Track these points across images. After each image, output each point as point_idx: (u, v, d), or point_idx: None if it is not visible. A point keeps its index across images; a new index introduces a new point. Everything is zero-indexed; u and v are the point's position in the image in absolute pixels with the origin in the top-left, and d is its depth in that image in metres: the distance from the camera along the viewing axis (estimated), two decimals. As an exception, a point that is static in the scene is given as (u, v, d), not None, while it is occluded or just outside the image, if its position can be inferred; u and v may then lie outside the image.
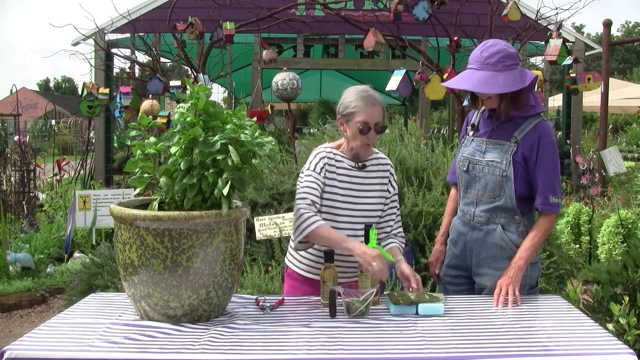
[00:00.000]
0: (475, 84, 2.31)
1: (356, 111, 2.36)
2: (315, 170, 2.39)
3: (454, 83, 2.44)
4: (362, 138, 2.38)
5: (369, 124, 2.36)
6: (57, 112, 21.47)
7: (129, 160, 2.11)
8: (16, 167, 7.58)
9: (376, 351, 1.78)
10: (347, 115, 2.40)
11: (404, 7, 4.68)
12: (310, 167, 2.41)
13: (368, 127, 2.36)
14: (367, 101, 2.36)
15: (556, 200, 2.35)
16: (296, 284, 2.54)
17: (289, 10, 6.29)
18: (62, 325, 1.98)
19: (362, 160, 2.48)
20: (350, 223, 2.40)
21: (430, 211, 3.65)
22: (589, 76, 5.17)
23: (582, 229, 5.81)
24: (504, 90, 2.29)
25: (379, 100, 2.39)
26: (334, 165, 2.42)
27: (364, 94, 2.39)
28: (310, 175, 2.39)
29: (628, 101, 15.77)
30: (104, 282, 3.91)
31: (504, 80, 2.27)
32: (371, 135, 2.39)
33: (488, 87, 2.29)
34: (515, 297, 2.26)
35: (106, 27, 7.85)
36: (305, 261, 2.50)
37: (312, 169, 2.40)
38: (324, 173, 2.40)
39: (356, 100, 2.37)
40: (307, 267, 2.50)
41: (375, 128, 2.38)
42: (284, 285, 2.66)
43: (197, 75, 5.12)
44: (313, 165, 2.41)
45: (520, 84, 2.28)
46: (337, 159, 2.45)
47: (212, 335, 1.89)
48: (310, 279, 2.48)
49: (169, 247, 1.92)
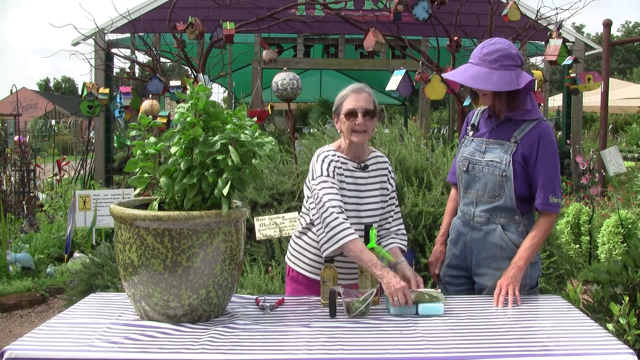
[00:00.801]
0: (468, 77, 2.33)
1: (344, 100, 2.45)
2: (329, 175, 2.37)
3: (451, 75, 2.49)
4: (351, 124, 2.39)
5: (356, 108, 2.40)
6: (57, 112, 21.46)
7: (129, 160, 2.11)
8: (16, 167, 7.58)
9: (376, 351, 1.78)
10: (338, 109, 2.47)
11: (404, 7, 4.68)
12: (323, 172, 2.38)
13: (354, 112, 2.40)
14: (352, 89, 2.46)
15: (556, 200, 2.35)
16: (301, 287, 2.52)
17: (289, 10, 6.29)
18: (62, 325, 1.98)
19: (363, 161, 2.50)
20: (356, 224, 2.39)
21: (430, 211, 3.65)
22: (589, 76, 5.17)
23: (582, 229, 5.81)
24: (495, 89, 2.30)
25: (366, 89, 2.46)
26: (340, 168, 2.43)
27: (351, 86, 2.49)
28: (327, 180, 2.36)
29: (628, 101, 15.78)
30: (104, 282, 3.91)
31: (498, 79, 2.28)
32: (360, 122, 2.39)
33: (479, 82, 2.31)
34: (515, 297, 2.26)
35: (106, 27, 7.85)
36: (312, 263, 2.49)
37: (326, 175, 2.37)
38: (336, 175, 2.39)
39: (343, 92, 2.48)
40: (314, 268, 2.48)
41: (362, 112, 2.40)
42: (285, 287, 2.64)
43: (197, 75, 5.11)
44: (325, 171, 2.38)
45: (514, 86, 2.28)
46: (342, 162, 2.45)
47: (212, 335, 1.89)
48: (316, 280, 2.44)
49: (169, 247, 1.92)
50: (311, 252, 2.48)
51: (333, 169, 2.39)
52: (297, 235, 2.56)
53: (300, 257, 2.53)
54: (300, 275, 2.53)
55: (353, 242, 2.22)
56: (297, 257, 2.54)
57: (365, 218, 2.44)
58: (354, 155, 2.48)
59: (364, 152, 2.51)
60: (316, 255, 2.46)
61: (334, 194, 2.32)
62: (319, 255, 2.43)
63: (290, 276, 2.59)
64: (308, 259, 2.50)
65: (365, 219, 2.43)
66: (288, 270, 2.61)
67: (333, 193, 2.32)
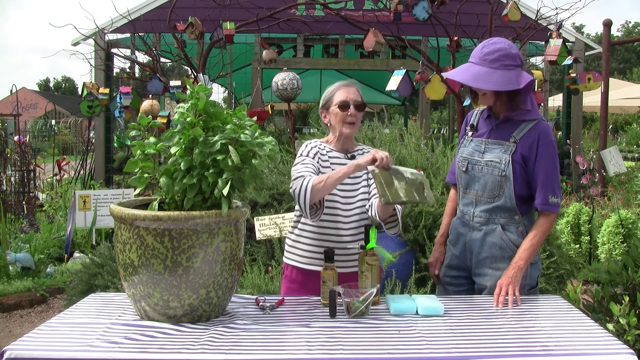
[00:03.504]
0: (469, 77, 2.34)
1: (333, 95, 2.54)
2: (308, 156, 2.48)
3: (452, 74, 2.49)
4: (343, 115, 2.49)
5: (348, 100, 2.50)
6: (57, 112, 21.46)
7: (129, 160, 2.11)
8: (16, 167, 7.58)
9: (376, 351, 1.78)
10: (327, 103, 2.56)
11: (404, 7, 4.68)
12: (302, 154, 2.50)
13: (347, 104, 2.49)
14: (342, 83, 2.57)
15: (555, 200, 2.35)
16: (295, 285, 2.55)
17: (289, 10, 6.29)
18: (62, 325, 1.98)
19: (350, 152, 2.58)
20: (345, 211, 2.49)
21: (430, 211, 3.65)
22: (589, 76, 5.17)
23: (582, 229, 5.81)
24: (495, 88, 2.30)
25: (354, 85, 2.57)
26: (325, 155, 2.52)
27: (339, 82, 2.59)
28: (304, 159, 2.47)
29: (628, 101, 15.78)
30: (104, 282, 3.91)
31: (498, 78, 2.28)
32: (352, 112, 2.49)
33: (480, 82, 2.31)
34: (515, 297, 2.26)
35: (106, 27, 7.85)
36: (305, 253, 2.53)
37: (305, 155, 2.49)
38: (317, 160, 2.48)
39: (331, 87, 2.57)
40: (307, 259, 2.52)
41: (354, 104, 2.50)
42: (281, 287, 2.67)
43: (197, 75, 5.12)
44: (305, 153, 2.50)
45: (514, 86, 2.29)
46: (327, 150, 2.55)
47: (212, 335, 1.89)
48: (311, 272, 2.48)
49: (169, 247, 1.92)
50: (302, 242, 2.53)
51: (315, 153, 2.50)
52: (290, 231, 2.64)
53: (293, 250, 2.58)
54: (294, 271, 2.56)
55: (313, 181, 2.28)
56: (291, 251, 2.59)
57: (353, 204, 2.50)
58: (342, 147, 2.57)
59: (352, 145, 2.60)
60: (308, 245, 2.51)
61: (306, 169, 2.39)
62: (311, 244, 2.50)
63: (284, 275, 2.63)
64: (301, 250, 2.54)
65: (356, 209, 2.50)
66: (283, 269, 2.64)
67: (306, 168, 2.40)
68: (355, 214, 2.49)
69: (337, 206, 2.48)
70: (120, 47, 9.59)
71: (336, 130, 2.54)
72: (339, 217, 2.48)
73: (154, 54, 6.07)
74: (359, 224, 2.50)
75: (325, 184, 2.27)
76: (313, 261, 2.49)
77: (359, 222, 2.50)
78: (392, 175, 2.23)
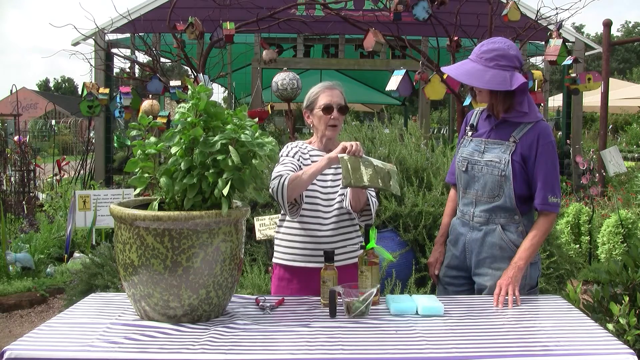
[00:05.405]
0: (461, 73, 2.37)
1: (317, 97, 2.57)
2: (288, 156, 2.52)
3: (447, 69, 2.52)
4: (327, 118, 2.53)
5: (331, 104, 2.53)
6: (57, 112, 21.46)
7: (129, 160, 2.11)
8: (16, 167, 7.58)
9: (376, 351, 1.78)
10: (310, 104, 2.59)
11: (404, 7, 4.68)
12: (283, 155, 2.54)
13: (330, 107, 2.53)
14: (325, 86, 2.59)
15: (555, 200, 2.35)
16: (283, 283, 2.57)
17: (289, 10, 6.29)
18: (62, 325, 1.98)
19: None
20: (327, 207, 2.52)
21: (430, 211, 3.65)
22: (589, 76, 5.18)
23: (582, 229, 5.81)
24: (485, 87, 2.32)
25: (337, 87, 2.60)
26: (307, 154, 2.56)
27: (322, 83, 2.62)
28: (283, 159, 2.50)
29: (628, 101, 15.77)
30: (104, 282, 3.91)
31: (490, 78, 2.29)
32: (335, 116, 2.53)
33: (470, 79, 2.33)
34: (515, 297, 2.26)
35: (106, 27, 7.85)
36: (290, 250, 2.55)
37: (285, 156, 2.53)
38: (299, 158, 2.51)
39: (315, 89, 2.60)
40: (294, 255, 2.54)
41: (337, 108, 2.53)
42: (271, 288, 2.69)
43: (197, 75, 5.12)
44: (285, 154, 2.54)
45: (506, 86, 2.29)
46: (309, 149, 2.59)
47: (212, 335, 1.89)
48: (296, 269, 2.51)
49: (169, 247, 1.92)
50: (287, 240, 2.55)
51: (295, 152, 2.53)
52: (276, 230, 2.66)
53: (279, 248, 2.60)
54: (281, 269, 2.58)
55: (290, 177, 2.33)
56: (278, 250, 2.61)
57: (333, 200, 2.53)
58: (325, 148, 2.60)
59: (334, 145, 2.60)
60: (291, 242, 2.54)
61: (286, 169, 2.42)
62: (293, 240, 2.53)
63: (273, 274, 2.65)
64: (285, 248, 2.56)
65: (334, 201, 2.53)
66: (273, 268, 2.66)
67: (285, 168, 2.42)
68: (335, 209, 2.53)
69: (318, 202, 2.51)
70: (120, 47, 9.59)
71: (319, 131, 2.59)
72: (319, 213, 2.51)
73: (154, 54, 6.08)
74: (339, 219, 2.53)
75: (301, 180, 2.33)
76: (296, 257, 2.52)
77: (338, 216, 2.53)
78: (360, 162, 2.28)
